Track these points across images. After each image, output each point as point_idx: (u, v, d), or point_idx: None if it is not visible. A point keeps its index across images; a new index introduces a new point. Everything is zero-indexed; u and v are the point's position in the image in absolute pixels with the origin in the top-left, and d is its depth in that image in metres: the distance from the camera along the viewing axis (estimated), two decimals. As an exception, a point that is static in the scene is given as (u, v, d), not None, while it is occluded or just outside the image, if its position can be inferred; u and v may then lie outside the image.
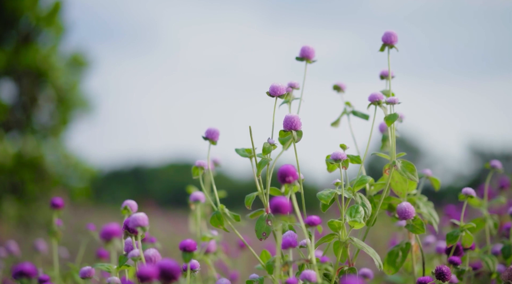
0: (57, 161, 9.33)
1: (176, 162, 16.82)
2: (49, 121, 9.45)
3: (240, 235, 1.69)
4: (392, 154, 1.57)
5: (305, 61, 1.65)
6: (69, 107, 9.40)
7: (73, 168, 9.58)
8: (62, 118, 9.44)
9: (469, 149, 16.07)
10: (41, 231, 6.32)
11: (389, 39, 1.60)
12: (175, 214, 8.70)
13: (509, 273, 1.55)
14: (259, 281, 1.55)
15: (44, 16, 9.11)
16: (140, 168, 16.91)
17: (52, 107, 9.44)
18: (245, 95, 23.13)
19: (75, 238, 4.92)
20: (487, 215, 1.83)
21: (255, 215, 1.60)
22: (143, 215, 1.38)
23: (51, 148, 9.39)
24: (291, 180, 1.32)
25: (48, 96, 9.38)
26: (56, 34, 9.24)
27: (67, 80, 9.36)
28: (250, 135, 1.54)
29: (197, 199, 1.77)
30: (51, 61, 9.06)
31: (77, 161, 9.60)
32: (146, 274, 1.14)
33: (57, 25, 9.16)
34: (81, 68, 9.56)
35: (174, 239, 4.94)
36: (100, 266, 1.62)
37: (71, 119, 9.58)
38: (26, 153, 8.91)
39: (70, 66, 9.45)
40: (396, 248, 1.68)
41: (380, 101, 1.55)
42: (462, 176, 15.82)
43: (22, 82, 9.20)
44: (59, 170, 9.37)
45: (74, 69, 9.52)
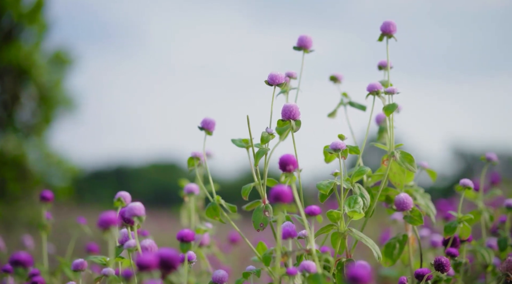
0: (39, 160, 9.24)
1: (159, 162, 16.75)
2: (32, 119, 9.36)
3: (232, 230, 1.67)
4: (390, 144, 1.55)
5: (303, 51, 1.63)
6: (52, 105, 9.31)
7: (56, 166, 9.49)
8: (45, 116, 9.34)
9: (452, 149, 16.17)
10: (24, 230, 6.25)
11: (388, 28, 1.59)
12: (158, 214, 8.64)
13: (507, 265, 1.54)
14: (256, 273, 1.53)
15: (27, 13, 9.02)
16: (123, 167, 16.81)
17: (34, 106, 9.35)
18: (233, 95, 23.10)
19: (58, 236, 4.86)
20: (483, 208, 1.82)
21: (251, 206, 1.58)
22: (140, 205, 1.35)
23: (33, 146, 9.30)
24: (292, 169, 1.30)
25: (31, 94, 9.29)
26: (39, 32, 9.15)
27: (50, 78, 9.27)
28: (248, 124, 1.51)
29: (191, 191, 1.74)
30: (34, 58, 8.97)
31: (59, 159, 9.52)
32: (146, 263, 1.11)
33: (40, 22, 9.08)
34: (65, 66, 9.47)
35: (159, 238, 4.91)
36: (93, 258, 1.59)
37: (54, 117, 9.49)
38: (8, 151, 8.81)
39: (53, 64, 9.36)
40: (393, 240, 1.66)
41: (379, 91, 1.53)
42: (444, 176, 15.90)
43: (4, 80, 9.10)
44: (41, 168, 9.28)
45: (57, 67, 9.43)
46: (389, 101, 1.53)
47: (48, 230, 1.95)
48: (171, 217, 7.82)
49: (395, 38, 1.60)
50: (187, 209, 1.99)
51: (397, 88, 1.53)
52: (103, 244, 2.22)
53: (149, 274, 1.12)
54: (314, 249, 1.32)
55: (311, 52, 1.64)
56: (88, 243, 2.13)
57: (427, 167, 1.75)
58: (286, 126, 1.50)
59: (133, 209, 1.34)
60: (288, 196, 1.22)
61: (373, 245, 1.46)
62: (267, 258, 1.55)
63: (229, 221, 1.59)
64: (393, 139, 1.55)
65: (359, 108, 1.73)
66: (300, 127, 1.48)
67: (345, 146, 1.46)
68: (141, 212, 1.35)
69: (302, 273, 1.30)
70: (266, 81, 1.51)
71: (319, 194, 1.49)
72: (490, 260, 1.73)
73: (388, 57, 1.61)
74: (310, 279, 1.28)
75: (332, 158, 1.59)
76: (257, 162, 1.50)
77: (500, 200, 2.64)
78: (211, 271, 1.83)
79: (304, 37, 1.62)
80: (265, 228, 1.51)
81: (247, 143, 1.56)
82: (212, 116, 1.62)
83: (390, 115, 1.53)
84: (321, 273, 1.28)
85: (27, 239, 2.56)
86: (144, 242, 1.36)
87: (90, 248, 2.11)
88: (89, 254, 2.10)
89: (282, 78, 1.50)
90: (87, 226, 2.08)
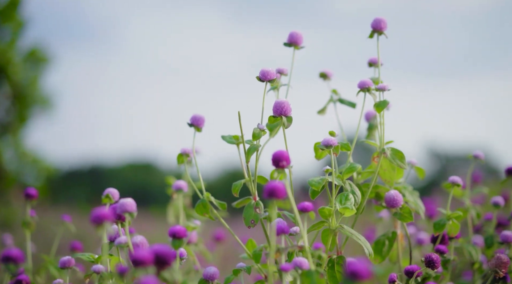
0: (14, 159, 9.12)
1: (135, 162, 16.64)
2: (6, 118, 9.23)
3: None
4: (381, 141, 1.55)
5: (293, 48, 1.62)
6: (27, 104, 9.20)
7: (31, 165, 9.38)
8: (20, 115, 9.22)
9: (426, 150, 16.30)
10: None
11: (379, 25, 1.59)
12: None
13: (496, 261, 1.54)
14: (247, 270, 1.52)
15: (1, 10, 8.89)
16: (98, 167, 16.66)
17: (9, 104, 9.23)
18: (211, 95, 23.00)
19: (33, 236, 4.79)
20: (470, 205, 1.83)
21: (241, 203, 1.57)
22: (131, 201, 1.34)
23: (8, 145, 9.18)
24: (285, 165, 1.29)
25: (5, 93, 9.17)
26: (14, 29, 9.03)
27: (26, 76, 9.15)
28: (239, 120, 1.51)
29: (179, 188, 1.73)
30: (9, 56, 8.85)
31: (34, 158, 9.40)
32: (141, 258, 1.10)
33: (15, 20, 8.96)
34: (40, 64, 9.36)
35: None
36: (80, 255, 1.57)
37: (30, 116, 9.37)
38: (-19, 150, 8.69)
39: (28, 62, 9.25)
40: (382, 237, 1.66)
41: (370, 88, 1.53)
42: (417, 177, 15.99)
43: (-22, 78, 8.98)
44: (16, 167, 9.16)
45: (33, 65, 9.31)
46: (380, 98, 1.54)
47: (32, 228, 1.92)
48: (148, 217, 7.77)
49: (386, 35, 1.60)
50: (174, 207, 1.98)
51: (388, 85, 1.53)
52: (85, 242, 2.20)
53: (144, 270, 1.10)
54: (307, 246, 1.31)
55: (301, 49, 1.63)
56: (71, 241, 2.11)
57: (416, 164, 1.76)
58: (277, 123, 1.49)
59: (124, 205, 1.33)
60: (282, 191, 1.21)
61: (364, 242, 1.46)
62: (257, 255, 1.54)
63: (219, 218, 1.58)
64: (384, 136, 1.55)
65: (348, 106, 1.73)
66: (292, 123, 1.47)
67: (337, 142, 1.46)
68: (132, 208, 1.33)
69: (295, 270, 1.29)
70: (257, 77, 1.50)
71: (310, 190, 1.49)
72: (478, 257, 1.74)
73: (378, 55, 1.61)
74: (303, 276, 1.28)
75: (323, 154, 1.58)
76: (248, 158, 1.49)
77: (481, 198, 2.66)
78: (199, 269, 1.82)
79: (294, 34, 1.62)
80: (256, 224, 1.50)
81: (237, 140, 1.55)
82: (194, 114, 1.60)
83: (381, 112, 1.53)
84: (314, 269, 1.27)
85: (7, 238, 2.52)
86: (135, 239, 1.34)
87: (74, 246, 2.08)
88: (73, 252, 2.07)
89: (274, 74, 1.50)
90: (64, 227, 2.06)
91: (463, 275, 2.15)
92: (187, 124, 1.59)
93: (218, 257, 2.30)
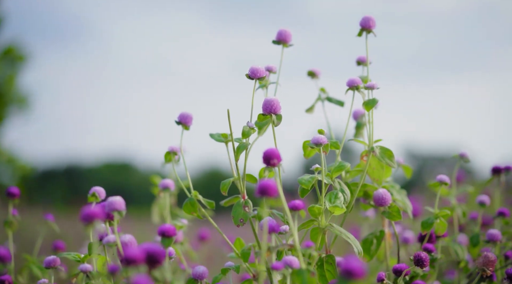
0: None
1: (112, 162, 16.52)
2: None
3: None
4: (370, 140, 1.55)
5: (282, 45, 1.62)
6: (3, 103, 9.09)
7: (6, 165, 9.28)
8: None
9: (404, 150, 16.40)
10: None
11: (367, 24, 1.59)
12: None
13: (483, 260, 1.55)
14: (236, 269, 1.51)
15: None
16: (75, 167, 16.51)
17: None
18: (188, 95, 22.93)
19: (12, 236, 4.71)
20: (456, 204, 1.84)
21: (229, 202, 1.56)
22: (120, 199, 1.32)
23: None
24: (276, 163, 1.29)
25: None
26: (-10, 27, 8.93)
27: (2, 74, 9.05)
28: (228, 119, 1.49)
29: (166, 186, 1.71)
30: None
31: (10, 157, 9.30)
32: (132, 257, 1.08)
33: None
34: (17, 63, 9.26)
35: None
36: (66, 255, 1.54)
37: (6, 115, 9.26)
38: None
39: (4, 60, 9.14)
40: (370, 236, 1.66)
41: (359, 86, 1.53)
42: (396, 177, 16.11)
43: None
44: (-9, 166, 9.06)
45: (9, 63, 9.21)
46: (369, 96, 1.53)
47: (15, 227, 1.89)
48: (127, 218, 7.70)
49: (374, 34, 1.60)
50: (159, 206, 1.96)
51: (377, 83, 1.53)
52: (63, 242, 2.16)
53: (135, 269, 1.09)
54: (298, 244, 1.30)
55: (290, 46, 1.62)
56: (52, 241, 2.08)
57: (403, 163, 1.76)
58: (266, 121, 1.48)
59: (113, 204, 1.31)
60: (274, 190, 1.20)
61: (353, 241, 1.46)
62: (246, 254, 1.53)
63: (207, 217, 1.56)
64: (373, 134, 1.55)
65: (337, 104, 1.72)
66: (281, 121, 1.46)
67: (327, 141, 1.46)
68: (121, 206, 1.31)
69: (285, 269, 1.28)
70: (247, 75, 1.49)
71: (300, 189, 1.48)
72: (464, 256, 1.74)
73: (367, 53, 1.61)
74: (294, 275, 1.27)
75: (311, 152, 1.57)
76: (238, 156, 1.48)
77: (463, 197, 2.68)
78: (186, 268, 1.80)
79: (283, 31, 1.61)
80: (245, 222, 1.49)
81: (226, 138, 1.54)
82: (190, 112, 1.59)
83: (370, 111, 1.52)
84: (305, 268, 1.27)
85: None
86: (123, 238, 1.33)
87: (56, 245, 2.05)
88: (55, 252, 2.04)
89: (263, 72, 1.49)
90: (40, 228, 2.03)
91: (446, 273, 2.16)
92: (175, 122, 1.57)
93: (202, 257, 2.28)
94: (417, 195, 4.32)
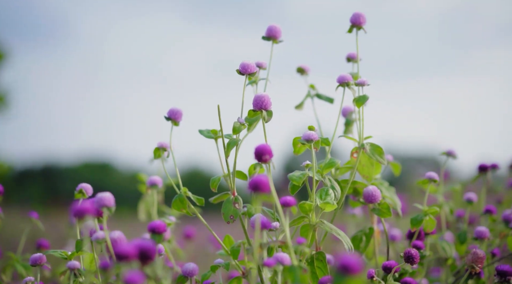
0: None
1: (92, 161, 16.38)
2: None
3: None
4: (360, 136, 1.55)
5: (272, 42, 1.61)
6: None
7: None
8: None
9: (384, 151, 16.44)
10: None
11: (358, 20, 1.58)
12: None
13: (472, 257, 1.55)
14: (225, 266, 1.50)
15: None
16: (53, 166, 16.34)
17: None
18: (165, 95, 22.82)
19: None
20: (443, 201, 1.84)
21: (219, 198, 1.55)
22: (110, 195, 1.30)
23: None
24: (268, 159, 1.28)
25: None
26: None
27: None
28: (219, 115, 1.48)
29: (154, 183, 1.69)
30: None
31: (-12, 156, 9.20)
32: (125, 253, 1.07)
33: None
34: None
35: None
36: (52, 252, 1.52)
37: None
38: None
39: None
40: (359, 233, 1.66)
41: (349, 83, 1.52)
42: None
43: None
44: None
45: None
46: (359, 93, 1.53)
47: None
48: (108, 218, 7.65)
49: (365, 30, 1.59)
50: (146, 203, 1.94)
51: (367, 80, 1.52)
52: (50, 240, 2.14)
53: (127, 265, 1.07)
54: (290, 241, 1.29)
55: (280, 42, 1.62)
56: (39, 239, 2.05)
57: (391, 161, 1.76)
58: (256, 117, 1.47)
59: (102, 200, 1.29)
60: (267, 186, 1.19)
61: (344, 237, 1.45)
62: (235, 251, 1.52)
63: (196, 214, 1.55)
64: (363, 131, 1.54)
65: (326, 101, 1.72)
66: (272, 117, 1.45)
67: (318, 137, 1.45)
68: (111, 202, 1.29)
69: (276, 265, 1.27)
70: (237, 71, 1.48)
71: (290, 185, 1.47)
72: (451, 253, 1.75)
73: (357, 49, 1.61)
74: (286, 272, 1.26)
75: (301, 149, 1.57)
76: (228, 152, 1.47)
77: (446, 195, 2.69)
78: (174, 266, 1.78)
79: (273, 27, 1.60)
80: (236, 219, 1.48)
81: (216, 134, 1.52)
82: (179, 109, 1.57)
83: (360, 107, 1.52)
84: (297, 265, 1.26)
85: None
86: (113, 234, 1.31)
87: (40, 244, 2.02)
88: (39, 250, 2.01)
89: (254, 67, 1.48)
90: (18, 229, 2.00)
91: (432, 271, 2.16)
92: (164, 118, 1.55)
93: (187, 255, 2.26)
94: (398, 193, 4.35)
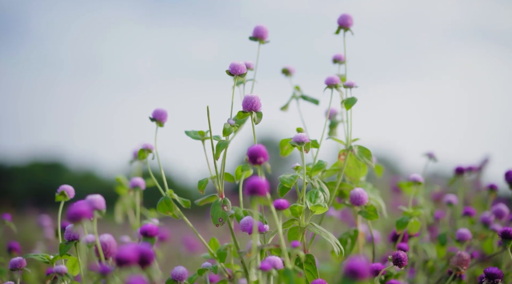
0: None
1: (41, 161, 16.01)
2: None
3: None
4: (348, 139, 1.54)
5: (258, 42, 1.59)
6: None
7: None
8: None
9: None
10: None
11: (345, 22, 1.58)
12: (38, 216, 8.25)
13: (457, 259, 1.56)
14: (213, 269, 1.47)
15: None
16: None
17: None
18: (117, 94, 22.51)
19: None
20: (424, 203, 1.85)
21: (205, 201, 1.52)
22: (100, 197, 1.26)
23: None
24: (262, 161, 1.26)
25: None
26: None
27: None
28: (208, 115, 1.45)
29: (136, 185, 1.66)
30: None
31: None
32: (126, 258, 1.04)
33: None
34: None
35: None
36: (33, 255, 1.47)
37: None
38: None
39: None
40: (344, 235, 1.65)
41: (337, 85, 1.52)
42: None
43: None
44: None
45: None
46: (347, 95, 1.52)
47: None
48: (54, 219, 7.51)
49: (352, 32, 1.59)
50: (123, 205, 1.90)
51: (355, 82, 1.52)
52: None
53: (127, 269, 1.04)
54: (284, 244, 1.28)
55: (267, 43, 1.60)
56: (11, 241, 1.99)
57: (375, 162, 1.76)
58: (245, 118, 1.45)
59: (93, 202, 1.25)
60: (265, 188, 1.17)
61: (334, 240, 1.44)
62: (222, 254, 1.50)
63: (183, 217, 1.52)
64: (351, 133, 1.54)
65: (312, 102, 1.71)
66: (261, 119, 1.44)
67: (308, 139, 1.44)
68: (101, 205, 1.26)
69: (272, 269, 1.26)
70: (227, 71, 1.46)
71: (280, 187, 1.45)
72: (433, 255, 1.76)
73: (345, 51, 1.60)
74: (280, 275, 1.24)
75: (288, 151, 1.55)
76: (218, 154, 1.44)
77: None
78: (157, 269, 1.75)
79: (260, 27, 1.58)
80: (225, 222, 1.46)
81: (203, 135, 1.50)
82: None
83: (349, 109, 1.52)
84: (292, 268, 1.24)
85: None
86: (102, 238, 1.27)
87: (12, 246, 1.96)
88: (11, 253, 1.95)
89: (244, 68, 1.45)
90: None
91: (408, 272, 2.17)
92: (149, 119, 1.52)
93: (161, 257, 2.23)
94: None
